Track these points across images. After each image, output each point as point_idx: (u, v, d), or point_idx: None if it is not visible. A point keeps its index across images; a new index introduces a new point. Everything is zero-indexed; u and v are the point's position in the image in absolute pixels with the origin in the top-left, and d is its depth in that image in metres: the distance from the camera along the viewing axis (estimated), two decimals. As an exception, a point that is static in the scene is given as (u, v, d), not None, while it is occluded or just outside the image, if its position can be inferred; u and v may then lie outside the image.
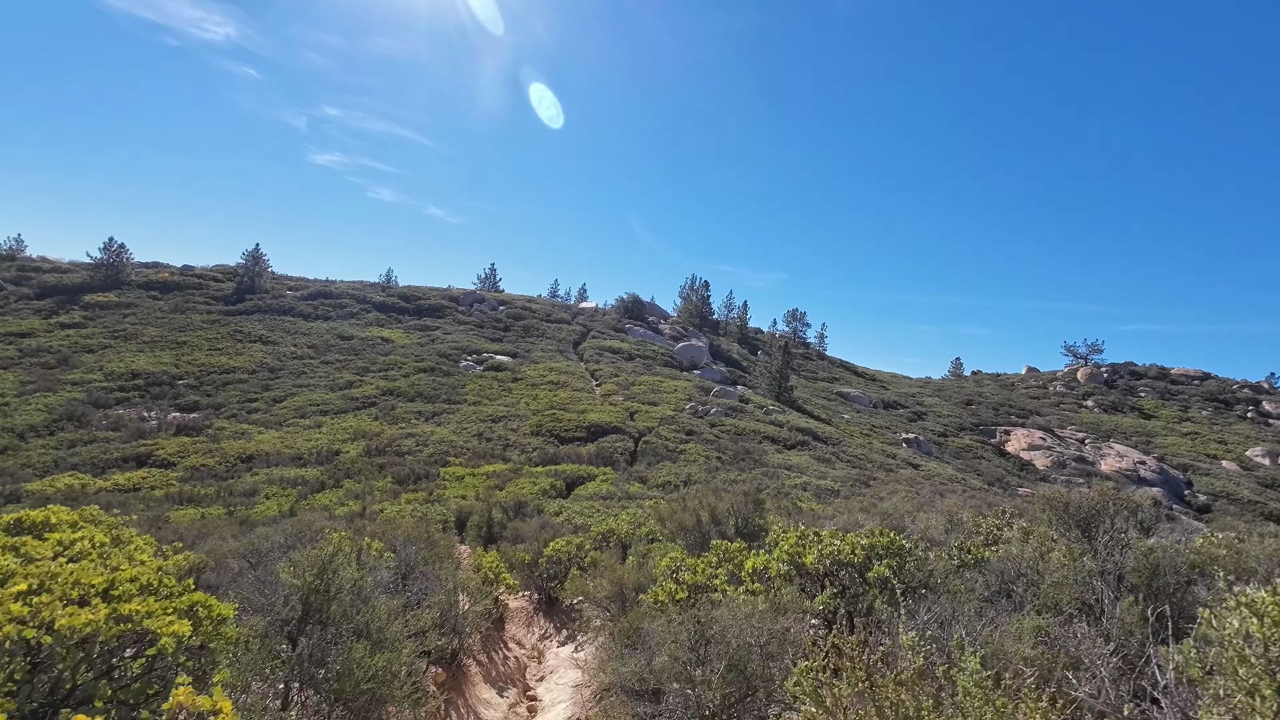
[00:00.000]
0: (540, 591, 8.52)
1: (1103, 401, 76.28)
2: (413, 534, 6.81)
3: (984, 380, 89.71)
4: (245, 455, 22.24)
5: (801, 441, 32.94)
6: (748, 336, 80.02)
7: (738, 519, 6.98)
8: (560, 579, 8.01)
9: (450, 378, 40.05)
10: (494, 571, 7.54)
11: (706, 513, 7.06)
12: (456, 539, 13.46)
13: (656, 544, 6.95)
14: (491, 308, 64.99)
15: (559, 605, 8.14)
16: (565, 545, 8.07)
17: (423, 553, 6.51)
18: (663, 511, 8.29)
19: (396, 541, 6.60)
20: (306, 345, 44.87)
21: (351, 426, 27.64)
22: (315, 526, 7.27)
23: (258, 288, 61.11)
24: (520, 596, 8.83)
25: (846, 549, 4.46)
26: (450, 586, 6.02)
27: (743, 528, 6.89)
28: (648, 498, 15.08)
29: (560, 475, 19.90)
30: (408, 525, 7.28)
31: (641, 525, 8.88)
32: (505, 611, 7.75)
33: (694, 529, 6.97)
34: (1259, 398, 77.53)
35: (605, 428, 29.56)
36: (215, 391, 34.13)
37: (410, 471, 19.88)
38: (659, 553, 6.37)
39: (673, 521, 7.35)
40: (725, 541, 5.41)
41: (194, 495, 16.00)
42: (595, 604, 6.11)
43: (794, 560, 4.60)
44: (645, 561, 6.30)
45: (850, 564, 4.39)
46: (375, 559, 6.03)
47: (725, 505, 7.12)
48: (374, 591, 5.21)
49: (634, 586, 5.65)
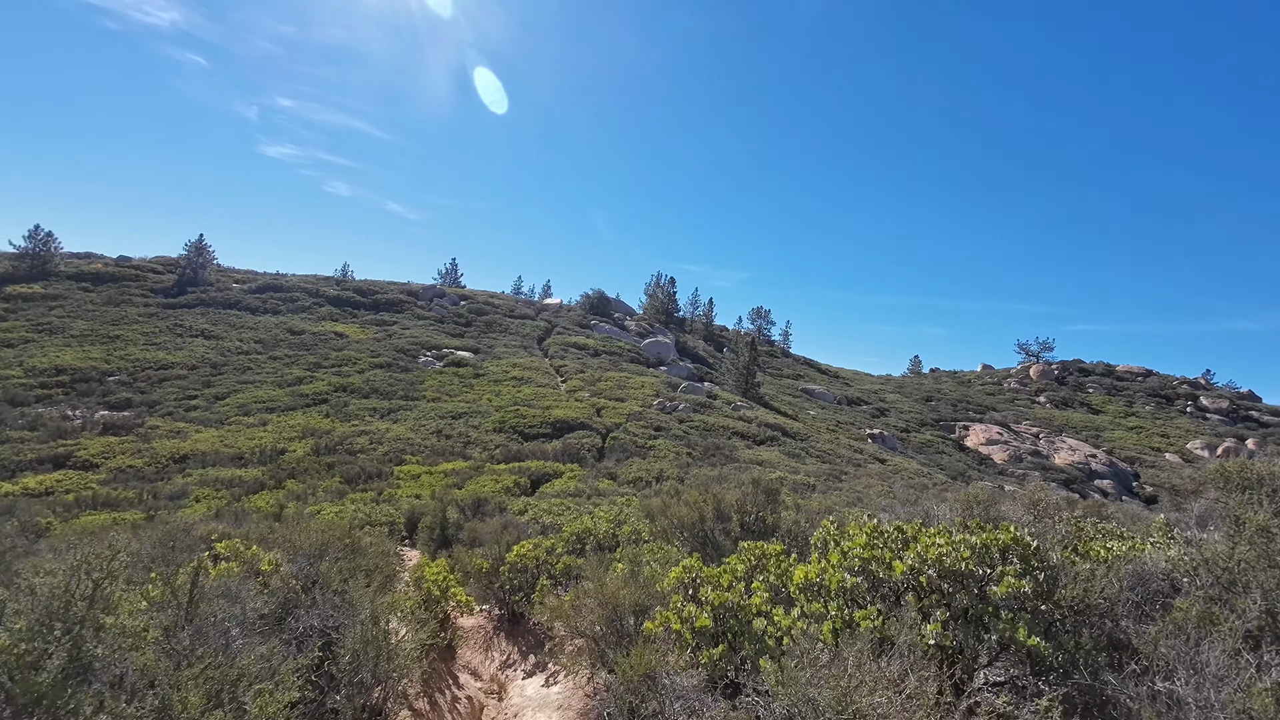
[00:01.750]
0: (502, 606, 7.02)
1: (1054, 397, 78.92)
2: (326, 539, 5.44)
3: (942, 378, 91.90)
4: (179, 455, 20.44)
5: (771, 437, 32.57)
6: (713, 334, 79.91)
7: (747, 514, 5.90)
8: (527, 590, 6.71)
9: (408, 374, 38.35)
10: (440, 586, 6.15)
11: (711, 506, 5.89)
12: (404, 544, 12.10)
13: (646, 545, 6.04)
14: (453, 303, 63.04)
15: (525, 623, 6.81)
16: (532, 549, 6.81)
17: (339, 565, 5.13)
18: (653, 507, 7.16)
19: (308, 549, 5.29)
20: (253, 340, 42.43)
21: (300, 424, 25.92)
22: (196, 533, 6.01)
23: (201, 280, 57.81)
24: (477, 613, 7.39)
25: (953, 551, 3.08)
26: (365, 616, 4.38)
27: (752, 525, 5.85)
28: (619, 494, 14.23)
29: (525, 472, 18.86)
30: (318, 528, 5.76)
31: (624, 523, 7.71)
32: (456, 635, 6.40)
33: (693, 526, 5.90)
34: (1197, 393, 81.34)
35: (571, 424, 28.55)
36: (150, 388, 31.75)
37: (361, 470, 18.52)
38: (652, 556, 5.45)
39: (667, 518, 6.32)
40: (758, 542, 4.13)
41: (111, 499, 14.35)
42: (576, 632, 4.82)
43: (869, 569, 3.31)
44: (637, 570, 5.07)
45: (963, 574, 3.03)
46: (237, 580, 4.51)
47: (733, 497, 6.00)
48: (224, 631, 3.75)
49: (632, 608, 4.39)
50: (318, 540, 5.39)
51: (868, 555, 3.36)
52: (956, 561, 3.02)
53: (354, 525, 9.36)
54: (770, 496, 6.13)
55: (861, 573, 3.36)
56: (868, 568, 3.32)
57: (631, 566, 5.15)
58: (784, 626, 3.14)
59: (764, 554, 4.09)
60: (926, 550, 3.24)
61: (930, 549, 3.22)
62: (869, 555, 3.36)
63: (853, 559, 3.39)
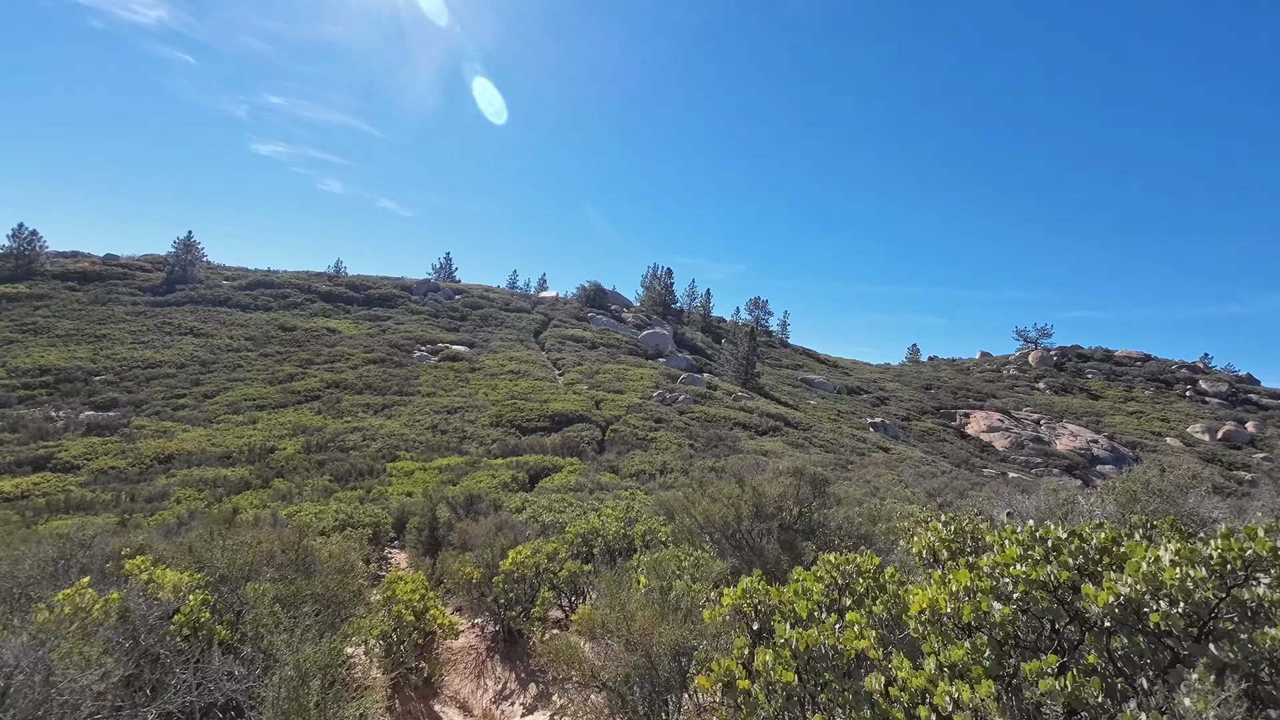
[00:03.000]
0: (497, 621, 5.97)
1: (1053, 383, 78.66)
2: (261, 555, 4.35)
3: (940, 365, 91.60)
4: (164, 455, 19.74)
5: (774, 427, 32.00)
6: (711, 325, 79.26)
7: (787, 510, 4.81)
8: (526, 604, 5.70)
9: (402, 369, 37.62)
10: (415, 606, 5.14)
11: (750, 502, 4.78)
12: (393, 545, 11.30)
13: (668, 550, 4.88)
14: (447, 296, 62.20)
15: (524, 643, 5.72)
16: (531, 555, 5.80)
17: (272, 590, 4.00)
18: (671, 502, 6.20)
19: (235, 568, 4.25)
20: (244, 337, 41.61)
21: (291, 421, 25.22)
22: (109, 546, 5.10)
23: (190, 277, 56.86)
24: (468, 628, 6.38)
25: (1184, 569, 1.89)
26: (289, 674, 3.13)
27: (794, 523, 4.83)
28: (622, 488, 13.63)
29: (523, 467, 18.23)
30: (248, 541, 4.61)
31: (636, 522, 6.61)
32: (441, 663, 5.36)
33: (725, 526, 4.82)
34: (1196, 377, 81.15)
35: (570, 417, 27.92)
36: (137, 388, 30.98)
37: (352, 468, 17.86)
38: (678, 564, 4.28)
39: (691, 516, 5.19)
40: (848, 556, 3.04)
41: (85, 501, 13.66)
42: (591, 681, 3.71)
43: (1032, 594, 2.21)
44: (665, 587, 3.93)
45: (1205, 606, 1.84)
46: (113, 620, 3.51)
47: (776, 490, 4.86)
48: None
49: (671, 649, 3.31)
50: (246, 557, 4.37)
51: (1033, 575, 2.21)
52: (1191, 587, 1.86)
53: (323, 531, 8.43)
54: (817, 488, 5.26)
55: (1018, 600, 2.25)
56: (1030, 593, 2.22)
57: (658, 581, 4.02)
58: (915, 687, 2.10)
59: (853, 569, 2.95)
60: (1151, 571, 1.96)
61: (1162, 571, 1.93)
62: (1034, 575, 2.21)
63: (1000, 579, 2.28)
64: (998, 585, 2.24)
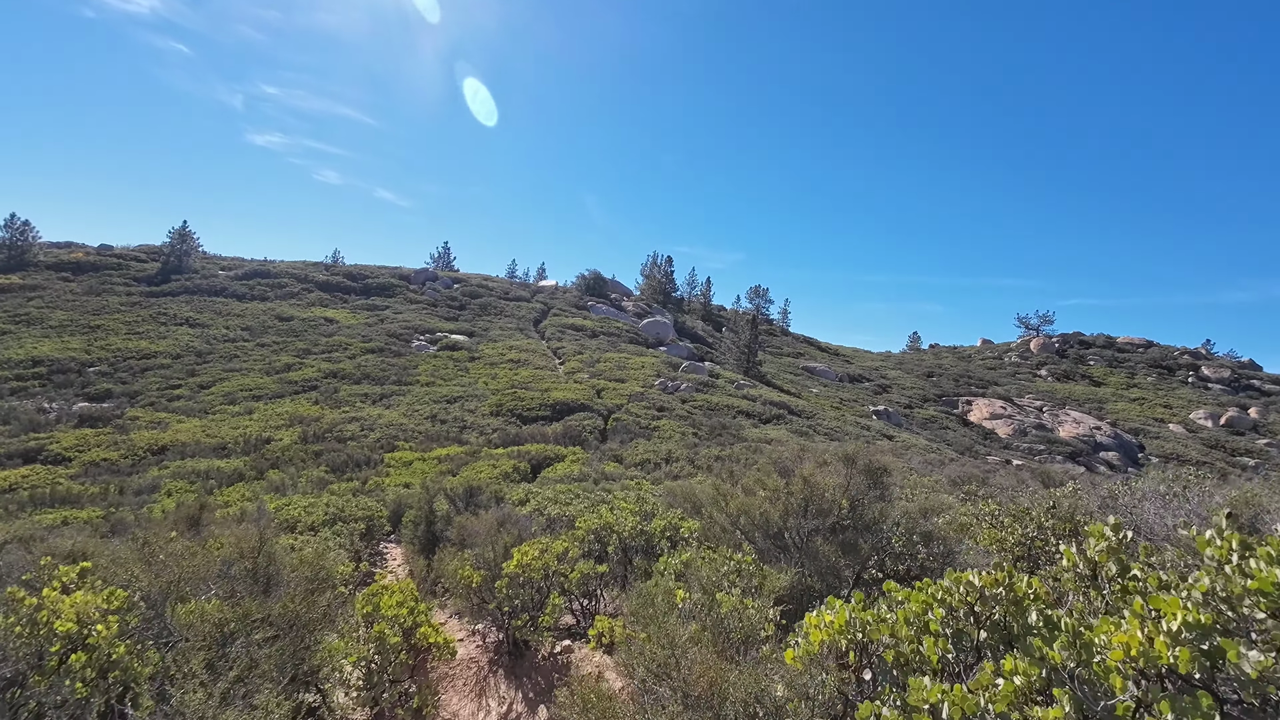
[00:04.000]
0: (500, 629, 5.25)
1: (1055, 370, 78.36)
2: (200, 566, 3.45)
3: (942, 353, 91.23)
4: (157, 447, 19.33)
5: (777, 415, 31.63)
6: (712, 314, 78.74)
7: (837, 504, 4.06)
8: (533, 611, 4.96)
9: (401, 358, 37.18)
10: (402, 623, 4.35)
11: (800, 495, 4.07)
12: (389, 539, 10.83)
13: (694, 551, 4.29)
14: (445, 286, 61.63)
15: (531, 656, 4.96)
16: (539, 556, 5.04)
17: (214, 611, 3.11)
18: (699, 495, 5.49)
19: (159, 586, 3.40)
20: (240, 327, 41.12)
21: (287, 412, 24.81)
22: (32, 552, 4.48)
23: (186, 267, 56.23)
24: (467, 636, 5.65)
25: None
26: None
27: (845, 519, 4.09)
28: (627, 477, 13.25)
29: (524, 456, 17.84)
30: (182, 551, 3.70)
31: (653, 516, 5.94)
32: (430, 696, 4.46)
33: (770, 524, 4.11)
34: (1198, 363, 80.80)
35: (572, 406, 27.52)
36: (132, 379, 30.53)
37: (349, 458, 17.46)
38: (715, 569, 3.51)
39: (726, 511, 4.47)
40: (983, 573, 2.18)
41: (72, 495, 13.26)
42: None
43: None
44: (711, 605, 3.14)
45: None
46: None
47: (832, 481, 4.16)
48: None
49: (745, 705, 2.41)
50: (184, 570, 3.35)
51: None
52: None
53: (312, 525, 7.81)
54: (874, 478, 4.49)
55: None
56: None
57: (701, 595, 3.19)
58: None
59: (998, 588, 2.10)
60: None
61: None
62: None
63: (1244, 612, 1.52)
64: (1239, 620, 1.50)
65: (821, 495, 3.89)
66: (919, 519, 4.08)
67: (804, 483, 3.96)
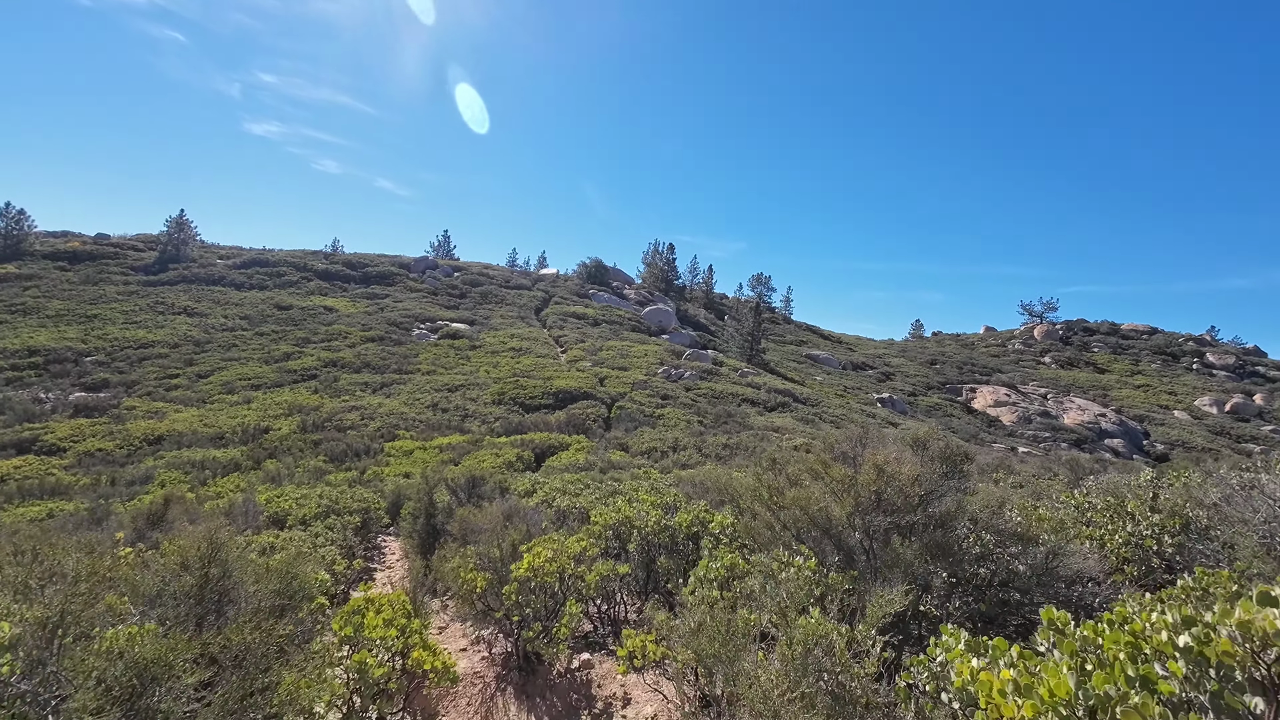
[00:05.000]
0: (509, 639, 4.57)
1: (1059, 357, 77.93)
2: (83, 576, 2.34)
3: (945, 340, 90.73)
4: (154, 436, 18.99)
5: (782, 403, 31.26)
6: (714, 302, 78.21)
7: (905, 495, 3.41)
8: (546, 620, 4.33)
9: (401, 347, 36.78)
10: (392, 646, 3.61)
11: (872, 486, 3.41)
12: (387, 532, 10.38)
13: (736, 553, 3.72)
14: (446, 274, 61.09)
15: (545, 672, 4.33)
16: (553, 558, 4.41)
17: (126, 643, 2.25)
18: (738, 487, 4.95)
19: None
20: (238, 316, 40.69)
21: (286, 401, 24.45)
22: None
23: (183, 256, 55.71)
24: (470, 645, 5.00)
25: None
26: None
27: (917, 515, 3.40)
28: (635, 466, 12.91)
29: (528, 445, 17.48)
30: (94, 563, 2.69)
31: (677, 509, 5.34)
32: (426, 711, 3.92)
33: (833, 523, 3.46)
34: (1203, 349, 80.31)
35: (575, 394, 27.15)
36: (129, 368, 30.16)
37: (348, 448, 17.12)
38: (796, 585, 2.81)
39: (769, 506, 3.76)
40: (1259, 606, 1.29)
41: (61, 486, 12.91)
42: None
43: None
44: (807, 643, 2.37)
45: None
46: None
47: (913, 470, 3.52)
48: None
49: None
50: (81, 592, 2.36)
51: None
52: None
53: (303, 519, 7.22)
54: (953, 466, 3.85)
55: None
56: None
57: (800, 636, 2.37)
58: None
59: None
60: None
61: None
62: None
63: None
64: None
65: (901, 486, 3.36)
66: (997, 513, 3.55)
67: (877, 471, 3.43)
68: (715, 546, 3.94)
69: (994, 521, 3.45)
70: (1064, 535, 3.23)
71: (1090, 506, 4.09)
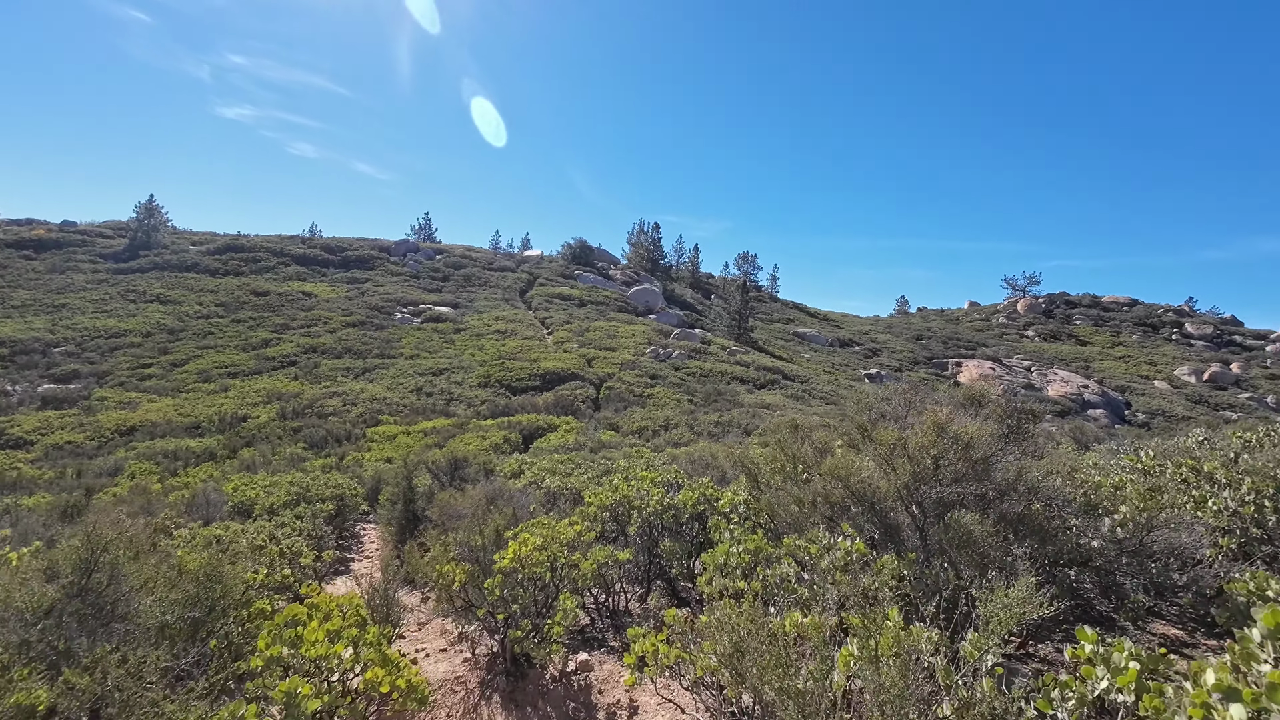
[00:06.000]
0: (495, 638, 3.97)
1: (1042, 331, 78.69)
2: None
3: (930, 316, 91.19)
4: (126, 427, 18.34)
5: (771, 380, 31.10)
6: (700, 281, 77.76)
7: (978, 463, 2.88)
8: (537, 617, 3.74)
9: (383, 331, 36.04)
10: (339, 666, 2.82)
11: (933, 450, 2.86)
12: (367, 520, 9.93)
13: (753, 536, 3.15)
14: (428, 257, 59.97)
15: (536, 675, 3.80)
16: (543, 545, 3.82)
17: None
18: (755, 458, 4.30)
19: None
20: (214, 303, 39.60)
21: (265, 388, 23.79)
22: None
23: (154, 243, 54.03)
24: (450, 644, 4.43)
25: None
26: None
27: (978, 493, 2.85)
28: (626, 446, 12.60)
29: (515, 427, 17.10)
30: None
31: (681, 488, 4.86)
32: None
33: (879, 496, 2.93)
34: (1182, 320, 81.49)
35: (562, 375, 26.74)
36: (100, 358, 29.21)
37: (329, 434, 16.62)
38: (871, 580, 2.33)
39: (797, 481, 3.27)
40: None
41: (24, 479, 12.34)
42: None
43: None
44: (885, 655, 1.80)
45: None
46: None
47: (984, 429, 2.96)
48: None
49: None
50: None
51: None
52: None
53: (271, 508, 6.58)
54: (1016, 430, 3.26)
55: None
56: None
57: (887, 647, 1.84)
58: None
59: None
60: None
61: None
62: None
63: None
64: None
65: (966, 451, 2.84)
66: (1068, 481, 3.09)
67: (938, 432, 2.92)
68: (725, 527, 3.51)
69: (1061, 491, 3.00)
70: (1153, 505, 2.83)
71: (1155, 470, 3.76)
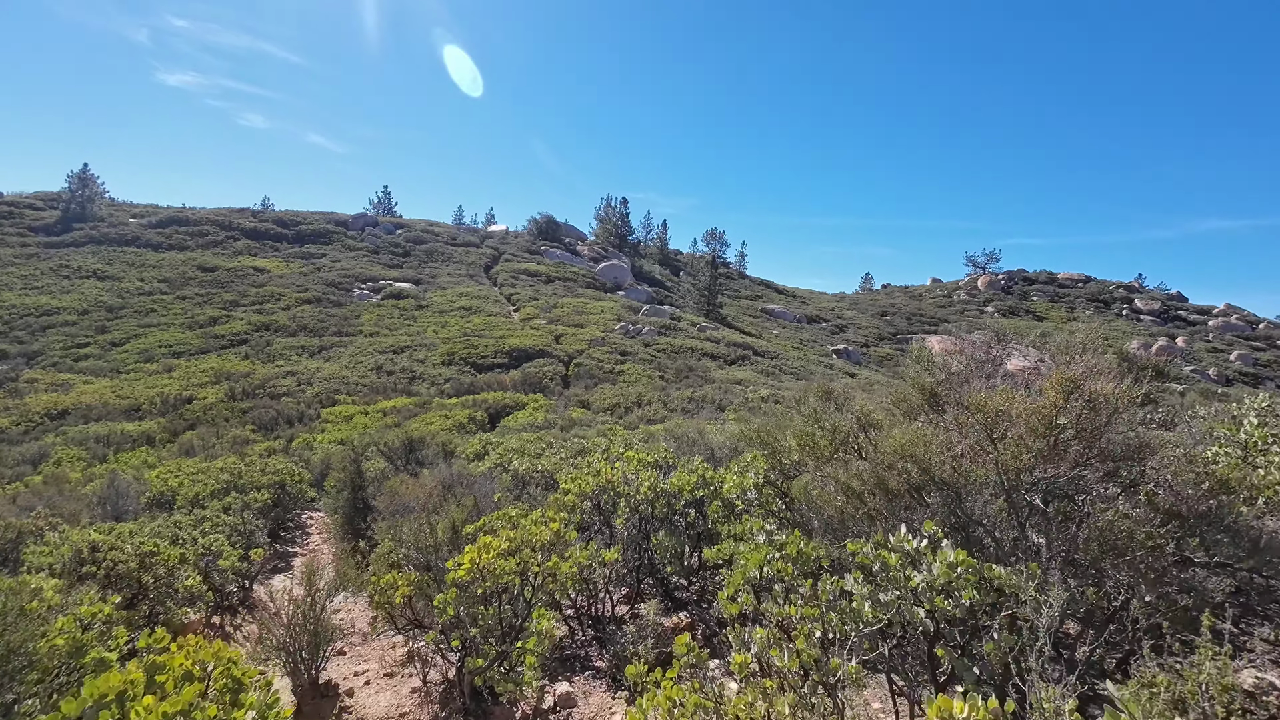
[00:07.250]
0: (451, 658, 3.17)
1: (1001, 307, 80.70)
2: None
3: (894, 293, 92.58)
4: (57, 411, 17.01)
5: (742, 356, 30.93)
6: (669, 257, 77.12)
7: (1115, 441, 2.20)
8: (503, 639, 2.87)
9: (341, 308, 34.57)
10: None
11: (1054, 424, 2.14)
12: (314, 506, 9.22)
13: (862, 544, 2.23)
14: (387, 231, 57.82)
15: (504, 713, 2.96)
16: (510, 550, 2.95)
17: None
18: (773, 432, 3.50)
19: None
20: (156, 279, 37.36)
21: (213, 368, 22.47)
22: None
23: (90, 215, 50.69)
24: (401, 670, 3.53)
25: None
26: None
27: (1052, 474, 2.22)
28: (597, 423, 12.11)
29: (481, 406, 16.42)
30: None
31: (673, 470, 4.21)
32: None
33: (965, 482, 2.26)
34: (1132, 296, 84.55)
35: (530, 352, 26.01)
36: (31, 338, 27.24)
37: (279, 415, 15.68)
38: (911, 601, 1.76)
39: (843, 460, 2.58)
40: None
41: (-72, 469, 11.29)
42: None
43: None
44: None
45: None
46: None
47: (1120, 390, 2.21)
48: None
49: None
50: None
51: None
52: None
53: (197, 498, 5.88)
54: (1144, 381, 2.49)
55: None
56: None
57: None
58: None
59: None
60: None
61: None
62: None
63: None
64: None
65: (1097, 416, 2.12)
66: (1191, 461, 2.32)
67: (1066, 392, 2.13)
68: (730, 517, 2.96)
69: (1187, 469, 2.28)
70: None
71: (1255, 444, 3.33)
